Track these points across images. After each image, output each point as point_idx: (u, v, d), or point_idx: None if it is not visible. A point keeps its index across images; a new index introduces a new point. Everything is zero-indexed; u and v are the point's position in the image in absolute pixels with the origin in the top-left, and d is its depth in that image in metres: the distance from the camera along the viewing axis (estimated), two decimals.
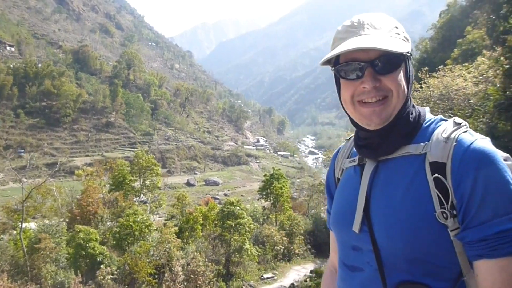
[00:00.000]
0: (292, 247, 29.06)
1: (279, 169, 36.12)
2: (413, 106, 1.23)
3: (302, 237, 30.07)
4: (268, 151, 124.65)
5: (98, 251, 21.31)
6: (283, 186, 31.53)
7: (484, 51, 15.27)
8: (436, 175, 1.08)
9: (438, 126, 1.17)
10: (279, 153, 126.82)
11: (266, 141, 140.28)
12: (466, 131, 1.12)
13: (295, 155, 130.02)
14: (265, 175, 34.86)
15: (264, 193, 32.27)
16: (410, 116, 1.20)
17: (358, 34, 1.14)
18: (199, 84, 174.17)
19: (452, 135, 1.11)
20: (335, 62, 1.20)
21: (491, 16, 18.19)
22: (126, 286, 19.74)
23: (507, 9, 15.91)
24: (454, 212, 1.06)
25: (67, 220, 27.66)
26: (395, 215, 1.12)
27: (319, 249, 31.00)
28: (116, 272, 19.84)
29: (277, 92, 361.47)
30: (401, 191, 1.13)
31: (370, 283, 1.18)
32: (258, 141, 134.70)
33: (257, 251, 26.22)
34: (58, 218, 27.50)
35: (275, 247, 27.93)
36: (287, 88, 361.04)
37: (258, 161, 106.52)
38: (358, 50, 1.11)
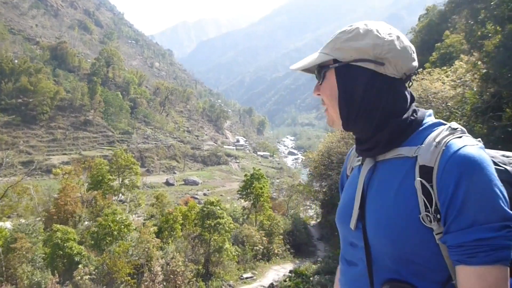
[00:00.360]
0: (271, 247, 29.18)
1: (260, 169, 36.21)
2: (410, 110, 1.25)
3: (282, 237, 30.22)
4: (247, 151, 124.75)
5: (75, 251, 21.04)
6: (264, 186, 31.64)
7: (462, 56, 15.63)
8: (419, 178, 1.11)
9: (434, 130, 1.19)
10: (258, 153, 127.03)
11: (246, 141, 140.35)
12: (460, 137, 1.13)
13: (274, 156, 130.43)
14: (245, 175, 34.91)
15: (244, 193, 32.31)
16: (400, 118, 1.22)
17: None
18: (179, 83, 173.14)
19: (444, 140, 1.12)
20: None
21: (469, 21, 18.62)
22: (104, 286, 19.54)
23: (484, 15, 16.29)
24: (438, 216, 1.07)
25: (43, 219, 27.22)
26: (384, 214, 1.16)
27: (298, 249, 31.20)
28: (94, 272, 19.61)
29: (258, 92, 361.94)
30: (391, 192, 1.17)
31: (361, 278, 1.23)
32: (238, 141, 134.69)
33: (237, 251, 26.25)
34: (34, 217, 27.05)
35: (255, 247, 28.00)
36: (267, 89, 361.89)
37: (237, 161, 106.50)
38: (295, 69, 1.32)
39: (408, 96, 1.26)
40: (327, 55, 1.25)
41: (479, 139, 1.16)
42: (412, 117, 1.23)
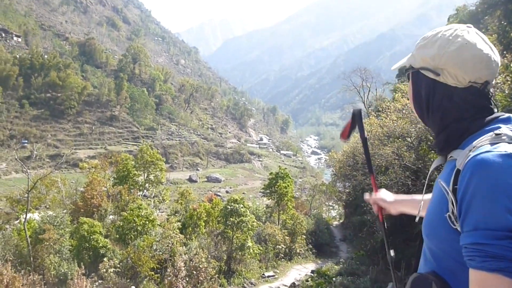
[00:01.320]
0: (293, 246, 29.09)
1: (285, 168, 36.12)
2: (472, 116, 1.27)
3: (304, 236, 30.11)
4: (271, 150, 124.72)
5: (101, 244, 21.36)
6: (288, 185, 31.55)
7: None
8: (438, 179, 1.24)
9: (481, 136, 1.19)
10: (281, 152, 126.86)
11: (269, 139, 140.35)
12: (496, 143, 1.11)
13: (297, 155, 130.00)
14: (270, 173, 34.88)
15: (268, 191, 32.29)
16: (456, 124, 1.29)
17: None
18: (204, 81, 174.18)
19: (477, 145, 1.14)
20: None
21: (502, 22, 18.16)
22: (129, 280, 19.78)
23: None
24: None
25: (70, 212, 27.73)
26: (428, 211, 1.28)
27: (320, 249, 31.03)
28: (119, 265, 19.89)
29: (282, 91, 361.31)
30: (436, 191, 1.27)
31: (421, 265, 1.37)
32: (261, 139, 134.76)
33: (259, 249, 26.24)
34: (61, 209, 27.58)
35: (277, 245, 27.95)
36: (291, 87, 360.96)
37: (260, 159, 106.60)
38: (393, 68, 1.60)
39: (479, 102, 1.27)
40: (408, 60, 1.41)
41: None
42: (472, 122, 1.26)
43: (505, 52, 15.31)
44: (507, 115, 1.25)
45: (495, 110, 1.28)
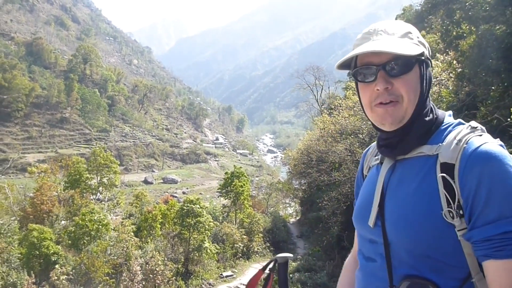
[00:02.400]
0: (251, 245, 29.23)
1: (240, 167, 36.19)
2: (432, 109, 1.28)
3: (261, 235, 30.29)
4: (227, 149, 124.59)
5: (52, 250, 20.69)
6: (244, 184, 31.63)
7: (438, 55, 15.88)
8: (442, 174, 1.13)
9: (454, 129, 1.22)
10: (238, 151, 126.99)
11: (225, 139, 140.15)
12: (480, 135, 1.16)
13: (254, 154, 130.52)
14: (226, 173, 34.86)
15: (224, 190, 32.26)
16: (427, 118, 1.25)
17: (372, 40, 1.22)
18: (158, 81, 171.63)
19: (464, 138, 1.15)
20: (354, 67, 1.29)
21: (445, 22, 18.95)
22: (82, 287, 19.29)
23: (459, 15, 16.62)
24: (461, 212, 1.09)
25: (19, 219, 26.72)
26: (405, 211, 1.18)
27: (277, 246, 31.31)
28: (71, 272, 19.34)
29: (237, 90, 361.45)
30: (412, 189, 1.19)
31: (380, 273, 1.26)
32: (217, 139, 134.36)
33: (217, 249, 26.20)
34: (9, 216, 26.53)
35: (235, 245, 28.00)
36: (246, 87, 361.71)
37: (217, 159, 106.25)
38: (372, 54, 1.20)
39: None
40: (419, 47, 1.24)
41: (498, 138, 1.19)
42: (434, 117, 1.27)
43: (447, 50, 15.97)
44: (449, 111, 1.34)
45: None
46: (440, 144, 1.19)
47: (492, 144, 1.10)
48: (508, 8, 12.37)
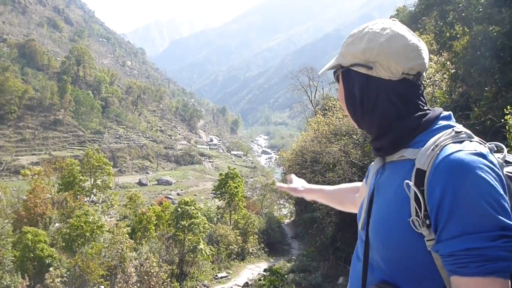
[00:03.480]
0: (246, 246, 29.25)
1: (234, 168, 36.18)
2: (417, 111, 1.21)
3: (256, 236, 30.32)
4: (221, 151, 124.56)
5: (46, 253, 20.61)
6: (238, 185, 31.65)
7: (432, 56, 15.97)
8: (407, 181, 1.08)
9: (437, 133, 1.14)
10: (232, 152, 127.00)
11: (220, 140, 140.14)
12: (461, 141, 1.09)
13: (248, 155, 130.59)
14: (220, 174, 34.84)
15: (219, 192, 32.25)
16: (397, 125, 1.21)
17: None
18: (152, 82, 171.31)
19: (441, 143, 1.08)
20: None
21: (438, 23, 19.06)
22: None
23: (453, 16, 16.73)
24: (428, 222, 1.03)
25: (12, 221, 26.56)
26: (380, 216, 1.17)
27: (272, 247, 31.36)
28: (66, 275, 19.27)
29: (231, 92, 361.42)
30: (390, 193, 1.16)
31: (360, 274, 1.27)
32: (211, 140, 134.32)
33: (211, 250, 26.20)
34: (2, 219, 26.36)
35: (229, 246, 28.01)
36: (240, 88, 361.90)
37: (211, 160, 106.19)
38: (320, 73, 1.38)
39: (415, 96, 1.22)
40: (334, 59, 1.33)
41: (492, 143, 1.16)
42: (418, 120, 1.20)
43: (441, 51, 16.07)
44: (447, 112, 1.23)
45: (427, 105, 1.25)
46: (420, 148, 1.13)
47: (466, 153, 1.02)
48: (501, 9, 12.48)
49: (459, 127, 1.15)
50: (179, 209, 24.98)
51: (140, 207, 30.25)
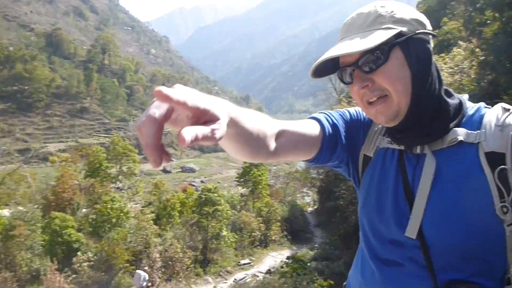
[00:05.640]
0: (269, 234, 29.35)
1: None
2: (448, 93, 1.14)
3: (279, 224, 30.38)
4: None
5: (74, 238, 21.11)
6: (262, 173, 31.71)
7: (460, 42, 15.61)
8: (502, 166, 1.00)
9: (485, 113, 1.09)
10: None
11: None
12: None
13: None
14: (244, 162, 34.97)
15: (242, 180, 32.38)
16: (448, 102, 1.11)
17: (342, 39, 1.11)
18: (176, 70, 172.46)
19: (507, 122, 1.03)
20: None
21: (468, 8, 18.53)
22: (103, 273, 19.66)
23: (483, 1, 16.25)
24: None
25: (41, 207, 27.27)
26: (450, 210, 1.05)
27: (295, 235, 31.38)
28: (93, 259, 19.75)
29: (255, 79, 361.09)
30: (455, 184, 1.06)
31: (412, 279, 1.11)
32: None
33: (234, 237, 26.40)
34: (32, 205, 27.09)
35: (252, 233, 28.16)
36: (264, 75, 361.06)
37: None
38: (344, 55, 1.06)
39: None
40: (389, 30, 1.05)
41: None
42: (456, 98, 1.14)
43: (470, 38, 15.67)
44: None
45: None
46: (478, 131, 1.06)
47: None
48: None
49: (504, 104, 1.10)
50: (202, 196, 25.22)
51: (164, 194, 30.64)
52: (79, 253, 19.88)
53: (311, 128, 1.28)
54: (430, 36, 1.09)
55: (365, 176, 1.29)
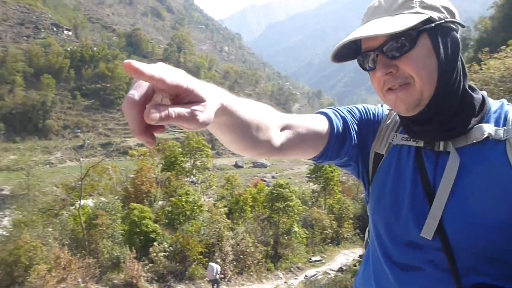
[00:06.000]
0: (340, 231, 28.85)
1: None
2: (472, 87, 1.07)
3: (351, 221, 29.77)
4: None
5: (151, 228, 21.93)
6: (334, 170, 31.21)
7: None
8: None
9: (508, 110, 1.04)
10: None
11: None
12: None
13: None
14: None
15: (314, 176, 32.08)
16: (473, 96, 1.05)
17: (367, 21, 1.05)
18: (248, 67, 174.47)
19: None
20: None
21: None
22: (178, 263, 20.28)
23: None
24: None
25: (121, 198, 28.57)
26: (475, 209, 0.98)
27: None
28: (168, 250, 20.41)
29: (326, 75, 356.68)
30: (480, 182, 0.99)
31: (432, 284, 1.03)
32: None
33: (306, 233, 26.22)
34: (113, 196, 28.47)
35: (324, 230, 27.81)
36: (336, 71, 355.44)
37: None
38: (370, 38, 1.01)
39: None
40: (417, 14, 0.98)
41: None
42: (482, 96, 1.07)
43: None
44: None
45: None
46: (505, 127, 1.00)
47: None
48: None
49: None
50: (274, 192, 25.26)
51: (236, 188, 31.06)
52: (155, 243, 20.62)
53: (318, 122, 1.16)
54: (459, 27, 1.04)
55: (378, 174, 1.19)
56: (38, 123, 77.27)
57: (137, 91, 0.64)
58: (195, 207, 23.70)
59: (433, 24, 0.99)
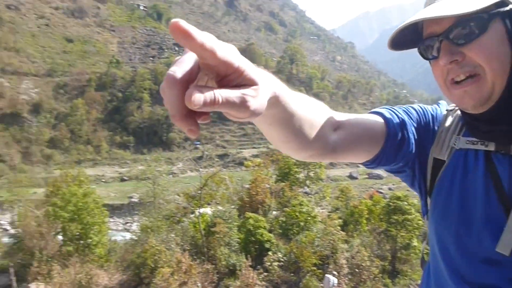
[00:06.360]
0: None
1: None
2: None
3: None
4: None
5: (266, 238, 22.24)
6: None
7: None
8: None
9: None
10: None
11: None
12: None
13: None
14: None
15: None
16: None
17: (431, 3, 0.91)
18: (362, 75, 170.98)
19: None
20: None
21: None
22: (292, 274, 20.29)
23: None
24: None
25: (237, 207, 29.43)
26: None
27: None
28: (282, 260, 20.52)
29: None
30: None
31: None
32: None
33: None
34: (229, 205, 29.45)
35: None
36: None
37: None
38: (431, 21, 0.89)
39: None
40: None
41: None
42: None
43: None
44: None
45: None
46: None
47: None
48: None
49: None
50: (391, 204, 24.22)
51: (351, 200, 30.34)
52: (270, 252, 20.85)
53: (373, 123, 1.06)
54: None
55: (441, 182, 1.08)
56: (162, 136, 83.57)
57: (180, 67, 0.55)
58: (309, 218, 23.59)
59: (508, 8, 0.85)
